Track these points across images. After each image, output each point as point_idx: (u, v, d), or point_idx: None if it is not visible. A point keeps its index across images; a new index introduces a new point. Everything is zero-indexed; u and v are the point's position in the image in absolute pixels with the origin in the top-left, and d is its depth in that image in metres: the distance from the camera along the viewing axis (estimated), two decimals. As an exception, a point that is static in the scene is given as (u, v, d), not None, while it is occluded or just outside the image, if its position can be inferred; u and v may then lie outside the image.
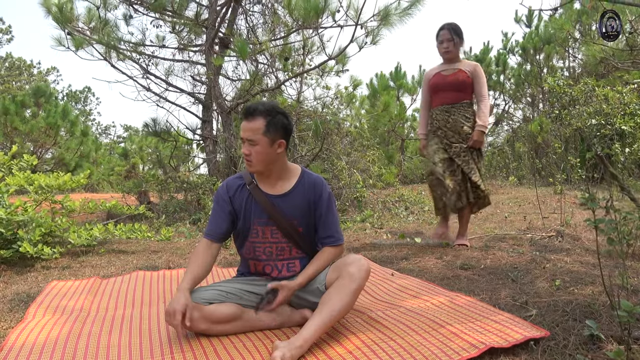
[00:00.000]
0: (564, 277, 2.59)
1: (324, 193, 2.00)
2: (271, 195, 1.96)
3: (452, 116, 3.36)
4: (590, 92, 7.47)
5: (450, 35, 3.32)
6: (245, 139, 1.87)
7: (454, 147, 3.36)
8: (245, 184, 1.99)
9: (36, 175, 3.34)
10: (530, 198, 6.18)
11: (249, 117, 1.86)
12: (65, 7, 5.64)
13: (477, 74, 3.35)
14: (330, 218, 2.00)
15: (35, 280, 2.84)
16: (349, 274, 1.81)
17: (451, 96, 3.36)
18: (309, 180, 2.01)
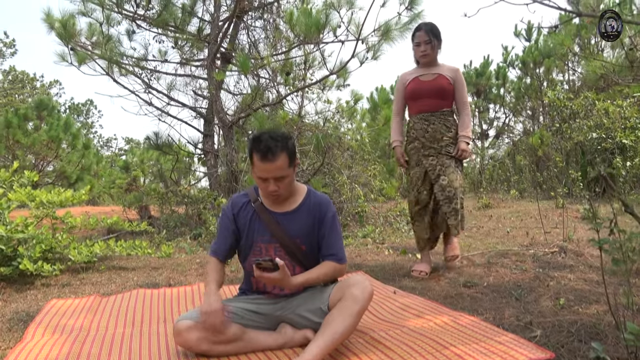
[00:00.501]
0: (568, 295, 2.57)
1: (329, 212, 2.00)
2: (276, 213, 1.97)
3: (432, 125, 3.07)
4: (591, 105, 7.50)
5: (428, 37, 3.02)
6: (272, 178, 1.84)
7: (430, 159, 3.07)
8: (250, 201, 1.99)
9: (37, 191, 3.34)
10: (532, 212, 6.16)
11: (272, 158, 1.80)
12: (69, 22, 5.69)
13: (459, 80, 3.12)
14: (334, 237, 2.00)
15: (35, 299, 2.82)
16: (353, 295, 1.80)
17: (431, 104, 3.08)
18: (315, 200, 2.01)
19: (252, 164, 1.87)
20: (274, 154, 1.80)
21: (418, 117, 3.12)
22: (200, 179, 7.14)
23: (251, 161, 1.88)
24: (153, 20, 5.79)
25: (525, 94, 11.15)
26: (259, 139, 1.84)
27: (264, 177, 1.85)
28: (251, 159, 1.87)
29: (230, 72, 6.64)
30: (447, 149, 3.06)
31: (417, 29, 3.11)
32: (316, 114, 5.94)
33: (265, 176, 1.84)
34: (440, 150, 3.05)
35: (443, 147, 3.05)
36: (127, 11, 5.80)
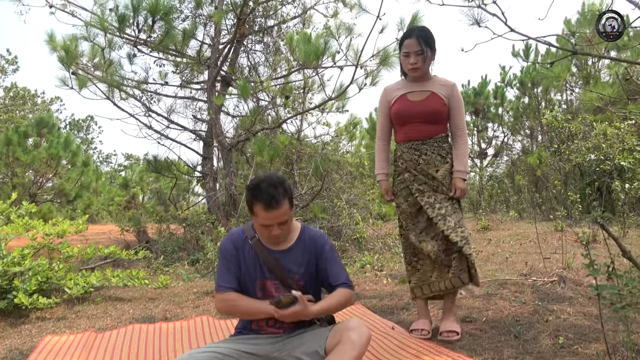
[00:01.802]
0: (567, 332, 2.54)
1: (326, 245, 2.03)
2: (273, 251, 1.98)
3: (424, 156, 2.54)
4: (589, 127, 7.54)
5: (420, 46, 2.45)
6: (276, 224, 1.86)
7: (426, 197, 2.54)
8: (248, 237, 1.99)
9: (35, 222, 3.33)
10: (531, 235, 6.14)
11: (276, 206, 1.81)
12: (71, 46, 5.75)
13: (455, 99, 2.56)
14: (337, 267, 2.03)
15: (29, 334, 2.79)
16: (350, 340, 1.79)
17: (422, 130, 2.53)
18: (309, 236, 2.03)
19: (254, 213, 1.87)
20: (277, 202, 1.81)
21: (407, 145, 2.58)
22: (199, 201, 7.14)
23: (251, 210, 1.87)
24: (154, 45, 5.85)
25: (524, 113, 11.23)
26: (259, 188, 1.83)
27: (268, 225, 1.86)
28: (252, 208, 1.86)
29: (230, 95, 6.68)
30: (443, 187, 2.55)
31: (406, 36, 2.52)
32: (315, 137, 5.96)
33: (270, 223, 1.85)
34: (436, 188, 2.54)
35: (440, 185, 2.54)
36: (129, 36, 5.86)
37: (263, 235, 1.94)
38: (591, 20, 4.50)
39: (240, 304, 1.94)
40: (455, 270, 2.51)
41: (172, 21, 6.00)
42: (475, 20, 3.09)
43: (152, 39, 5.88)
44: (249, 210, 1.90)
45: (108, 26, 5.60)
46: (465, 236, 2.49)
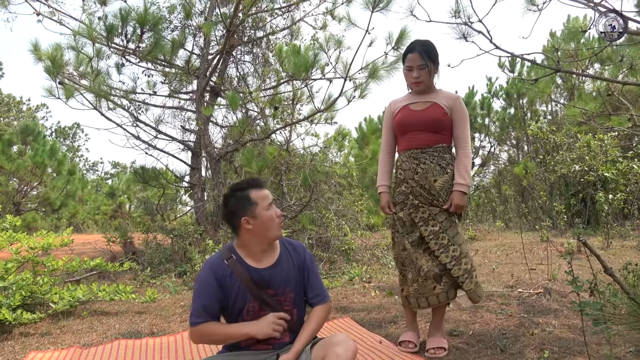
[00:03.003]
0: (552, 346, 2.58)
1: (307, 255, 2.05)
2: (259, 269, 1.94)
3: (422, 165, 2.52)
4: (573, 138, 7.68)
5: (423, 60, 2.50)
6: (272, 201, 1.97)
7: (421, 212, 2.52)
8: (224, 260, 1.92)
9: (19, 235, 3.28)
10: (517, 245, 6.21)
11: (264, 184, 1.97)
12: (57, 55, 5.70)
13: (457, 110, 2.55)
14: (314, 278, 2.04)
15: (12, 350, 2.74)
16: (336, 355, 1.78)
17: (422, 138, 2.54)
18: (290, 247, 2.05)
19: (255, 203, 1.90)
20: (262, 180, 2.00)
21: (407, 154, 2.59)
22: (187, 212, 7.10)
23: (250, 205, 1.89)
24: (143, 55, 5.83)
25: (510, 124, 11.40)
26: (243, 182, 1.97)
27: (271, 201, 1.93)
28: (249, 201, 1.89)
29: (219, 106, 6.68)
30: (440, 199, 2.51)
31: (409, 50, 2.56)
32: (304, 148, 5.98)
33: (271, 199, 1.94)
34: (432, 201, 2.51)
35: (436, 196, 2.51)
36: (117, 45, 5.84)
37: (273, 226, 1.92)
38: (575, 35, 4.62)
39: (217, 335, 1.90)
40: (445, 285, 2.53)
41: (161, 31, 6.00)
42: (462, 35, 3.14)
43: (140, 49, 5.86)
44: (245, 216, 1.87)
45: (96, 36, 5.57)
46: (456, 255, 2.50)
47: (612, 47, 4.18)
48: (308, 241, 5.25)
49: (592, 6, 2.72)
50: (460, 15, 3.10)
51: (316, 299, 2.01)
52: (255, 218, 1.88)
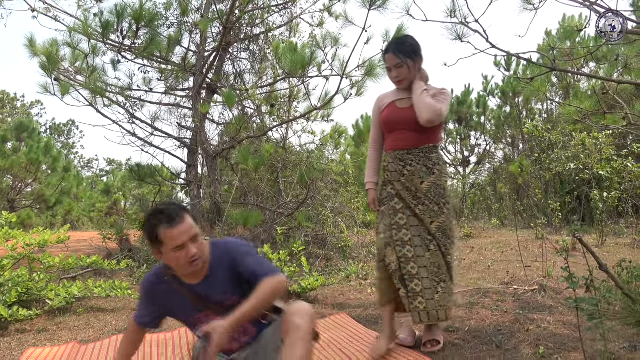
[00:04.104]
0: (547, 342, 2.60)
1: (236, 251, 1.88)
2: (194, 286, 1.85)
3: (409, 167, 2.45)
4: (568, 136, 7.73)
5: (399, 59, 2.44)
6: (188, 241, 1.74)
7: (398, 217, 2.46)
8: (163, 278, 1.87)
9: (15, 232, 3.27)
10: (513, 243, 6.25)
11: (180, 220, 1.73)
12: (52, 51, 5.67)
13: (442, 92, 2.49)
14: (254, 261, 1.86)
15: (9, 347, 2.74)
16: (295, 325, 1.74)
17: (407, 138, 2.46)
18: (220, 251, 1.89)
19: (161, 242, 1.74)
20: (179, 215, 1.74)
21: (393, 155, 2.51)
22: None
23: (158, 243, 1.74)
24: (139, 52, 5.81)
25: (505, 122, 11.44)
26: (156, 213, 1.77)
27: (181, 244, 1.73)
28: (157, 238, 1.73)
29: (215, 103, 6.67)
30: (426, 201, 2.45)
31: (385, 51, 2.53)
32: (300, 146, 5.98)
33: (182, 241, 1.72)
34: (422, 201, 2.46)
35: (421, 199, 2.45)
36: (113, 42, 5.81)
37: (182, 266, 1.77)
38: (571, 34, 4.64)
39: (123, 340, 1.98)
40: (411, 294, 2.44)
41: (157, 28, 5.97)
42: (458, 35, 3.16)
43: (136, 46, 5.84)
44: (155, 248, 1.78)
45: (92, 32, 5.55)
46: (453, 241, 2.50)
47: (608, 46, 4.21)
48: (304, 238, 5.26)
49: (588, 5, 2.74)
50: (457, 14, 3.11)
51: (258, 279, 1.81)
52: (161, 254, 1.78)
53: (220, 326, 1.65)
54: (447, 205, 2.49)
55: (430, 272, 2.42)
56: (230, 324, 1.67)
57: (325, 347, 2.58)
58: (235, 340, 1.91)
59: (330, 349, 2.55)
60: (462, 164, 12.66)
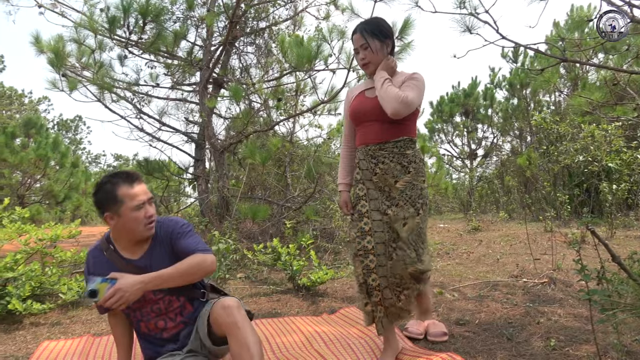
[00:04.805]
0: (558, 334, 2.60)
1: (176, 229, 1.90)
2: (133, 260, 1.87)
3: (381, 164, 2.19)
4: (577, 128, 7.67)
5: (364, 39, 2.22)
6: (147, 200, 1.81)
7: (363, 222, 2.21)
8: (103, 251, 1.89)
9: (28, 226, 3.30)
10: (521, 236, 6.23)
11: (138, 179, 1.82)
12: (59, 47, 5.69)
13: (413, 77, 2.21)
14: (191, 240, 1.88)
15: (24, 340, 2.77)
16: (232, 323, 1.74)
17: (378, 130, 2.19)
18: (163, 230, 1.90)
19: (120, 201, 1.77)
20: (138, 176, 1.82)
21: (363, 150, 2.25)
22: (191, 203, 7.12)
23: (115, 202, 1.77)
24: (145, 47, 5.82)
25: (513, 114, 11.36)
26: (114, 174, 1.82)
27: (141, 202, 1.78)
28: (115, 198, 1.76)
29: (222, 97, 6.67)
30: (400, 202, 2.17)
31: (353, 32, 2.30)
32: (307, 140, 5.98)
33: (142, 200, 1.79)
34: (396, 202, 2.17)
35: (395, 200, 2.18)
36: (120, 37, 5.82)
37: (138, 227, 1.80)
38: (580, 24, 4.59)
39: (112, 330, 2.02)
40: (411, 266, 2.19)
41: (163, 23, 5.97)
42: (467, 27, 3.13)
43: (143, 41, 5.85)
44: (108, 212, 1.79)
45: (98, 27, 5.56)
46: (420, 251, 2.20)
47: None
48: (313, 232, 5.28)
49: (600, -6, 2.70)
50: (466, 5, 3.09)
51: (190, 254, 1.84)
52: (119, 216, 1.78)
53: (129, 277, 1.69)
54: (424, 207, 2.19)
55: (391, 282, 2.16)
56: (140, 281, 1.69)
57: (335, 342, 2.59)
58: (169, 319, 1.92)
59: (340, 344, 2.56)
60: (469, 157, 12.61)
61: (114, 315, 1.98)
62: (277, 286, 4.07)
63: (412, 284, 2.17)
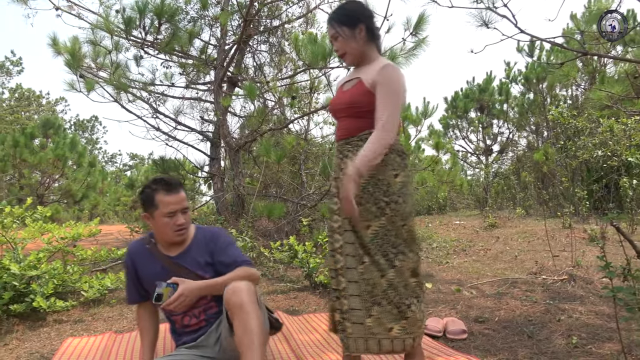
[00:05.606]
0: (580, 332, 2.57)
1: (219, 238, 2.02)
2: (171, 256, 1.98)
3: (346, 159, 1.95)
4: (595, 123, 7.53)
5: (334, 29, 2.00)
6: (180, 210, 1.91)
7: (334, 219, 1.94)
8: (145, 244, 2.02)
9: (50, 225, 3.37)
10: (539, 232, 6.15)
11: (177, 190, 1.91)
12: (75, 48, 5.77)
13: (381, 82, 1.88)
14: (229, 249, 2.00)
15: (48, 337, 2.83)
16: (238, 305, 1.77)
17: (346, 126, 1.99)
18: (204, 235, 2.03)
19: (155, 206, 1.89)
20: (176, 186, 1.93)
21: (337, 146, 2.06)
22: (207, 202, 7.17)
23: (152, 206, 1.90)
24: (161, 47, 5.87)
25: (529, 109, 11.20)
26: (156, 180, 1.93)
27: (173, 211, 1.89)
28: (152, 202, 1.89)
29: (237, 96, 6.71)
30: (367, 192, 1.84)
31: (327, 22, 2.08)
32: (322, 137, 5.98)
33: (175, 209, 1.89)
34: (358, 200, 1.82)
35: (359, 195, 1.82)
36: (136, 38, 5.88)
37: (168, 232, 1.91)
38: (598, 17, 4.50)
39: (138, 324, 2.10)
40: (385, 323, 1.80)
41: (178, 23, 6.02)
42: (484, 21, 3.10)
43: (158, 41, 5.90)
44: (145, 212, 1.93)
45: (114, 29, 5.62)
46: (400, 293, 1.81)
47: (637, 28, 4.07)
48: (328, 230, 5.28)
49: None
50: (484, 0, 3.05)
51: (236, 265, 1.96)
52: (153, 218, 1.92)
53: (190, 283, 1.85)
54: (390, 205, 1.84)
55: (363, 290, 1.81)
56: (198, 287, 1.86)
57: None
58: (193, 316, 1.99)
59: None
60: (485, 153, 12.48)
61: (143, 307, 2.06)
62: (294, 284, 4.09)
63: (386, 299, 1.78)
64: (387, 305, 1.78)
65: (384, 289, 1.79)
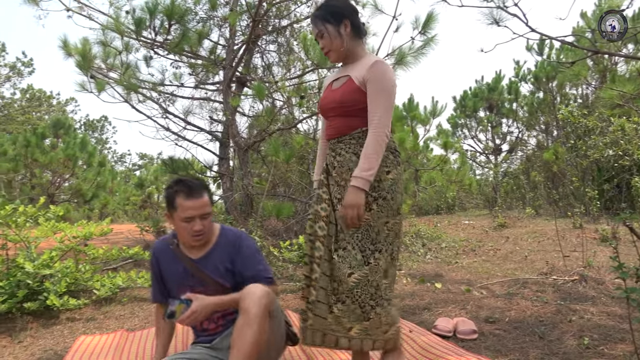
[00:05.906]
0: (592, 333, 2.55)
1: (243, 246, 1.96)
2: (193, 259, 1.96)
3: (339, 157, 1.95)
4: (606, 122, 7.46)
5: (317, 27, 1.98)
6: (198, 216, 1.85)
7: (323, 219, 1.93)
8: (169, 245, 2.00)
9: (62, 224, 3.41)
10: (549, 232, 6.11)
11: (198, 195, 1.85)
12: (86, 49, 5.83)
13: (372, 80, 1.87)
14: (251, 260, 1.95)
15: (62, 334, 2.87)
16: (244, 310, 1.73)
17: (337, 125, 1.98)
18: (227, 239, 1.98)
19: (175, 208, 1.86)
20: (198, 191, 1.86)
21: (329, 145, 2.05)
22: (216, 201, 7.20)
23: (172, 208, 1.87)
24: (171, 48, 5.91)
25: (538, 108, 11.12)
26: (178, 182, 1.88)
27: (191, 217, 1.84)
28: (172, 204, 1.86)
29: (246, 96, 6.73)
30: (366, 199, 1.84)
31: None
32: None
33: (192, 214, 1.84)
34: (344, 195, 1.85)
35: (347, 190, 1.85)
36: (146, 39, 5.93)
37: (185, 235, 1.89)
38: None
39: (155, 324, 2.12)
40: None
41: (187, 23, 6.06)
42: (495, 20, 3.09)
43: (168, 42, 5.94)
44: (168, 212, 1.90)
45: (125, 29, 5.67)
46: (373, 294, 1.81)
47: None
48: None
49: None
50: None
51: (253, 279, 1.89)
52: (172, 219, 1.91)
53: (204, 299, 1.81)
54: (378, 200, 1.84)
55: (329, 285, 1.84)
56: (213, 303, 1.82)
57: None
58: (212, 321, 1.99)
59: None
60: (494, 152, 12.41)
61: (162, 306, 2.06)
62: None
63: (352, 298, 1.79)
64: (351, 304, 1.80)
65: (350, 287, 1.79)
